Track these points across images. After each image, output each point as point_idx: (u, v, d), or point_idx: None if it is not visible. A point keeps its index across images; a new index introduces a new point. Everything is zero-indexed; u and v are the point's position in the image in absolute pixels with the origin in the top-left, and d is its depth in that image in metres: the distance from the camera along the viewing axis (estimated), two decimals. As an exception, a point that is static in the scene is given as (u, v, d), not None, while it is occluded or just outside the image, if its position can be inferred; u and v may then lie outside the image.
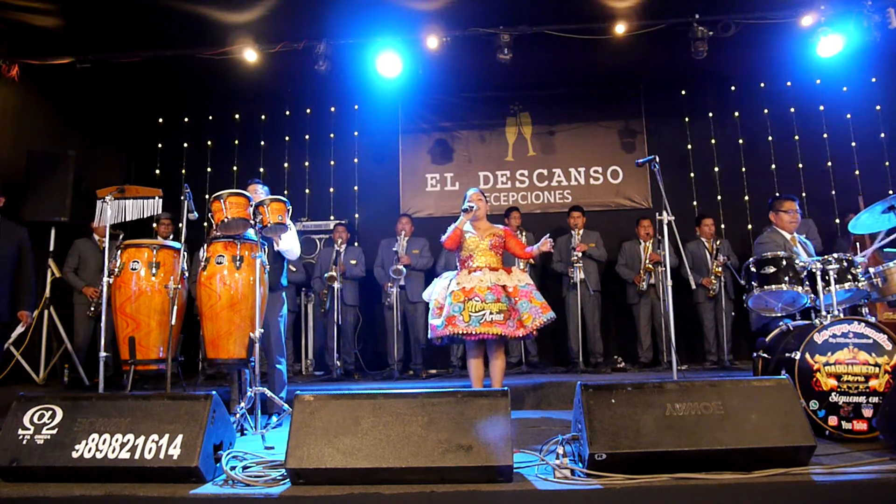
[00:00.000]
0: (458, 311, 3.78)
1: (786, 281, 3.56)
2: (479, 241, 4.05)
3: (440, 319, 3.86)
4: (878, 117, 6.93)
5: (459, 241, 4.04)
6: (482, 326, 3.73)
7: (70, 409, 2.58)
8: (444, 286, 4.00)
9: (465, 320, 3.75)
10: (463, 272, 3.99)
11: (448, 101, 7.43)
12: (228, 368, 4.16)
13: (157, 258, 3.78)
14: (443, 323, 3.82)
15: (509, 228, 4.33)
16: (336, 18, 5.53)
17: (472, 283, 3.86)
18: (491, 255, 4.03)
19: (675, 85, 7.21)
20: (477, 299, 3.78)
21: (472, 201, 4.10)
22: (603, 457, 2.30)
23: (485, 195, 4.24)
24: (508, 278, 3.93)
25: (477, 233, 4.10)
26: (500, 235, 4.12)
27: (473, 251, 4.03)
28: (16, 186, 5.34)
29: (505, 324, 3.76)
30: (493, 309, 3.76)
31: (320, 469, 2.31)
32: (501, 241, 4.10)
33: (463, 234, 4.05)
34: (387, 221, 6.80)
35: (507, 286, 3.88)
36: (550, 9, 5.52)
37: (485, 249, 4.03)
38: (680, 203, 6.45)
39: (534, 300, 3.86)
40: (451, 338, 3.89)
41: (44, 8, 5.24)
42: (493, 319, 3.74)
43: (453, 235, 4.00)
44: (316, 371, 6.42)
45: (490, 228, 4.15)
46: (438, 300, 3.97)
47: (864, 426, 3.05)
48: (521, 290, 3.87)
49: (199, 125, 7.51)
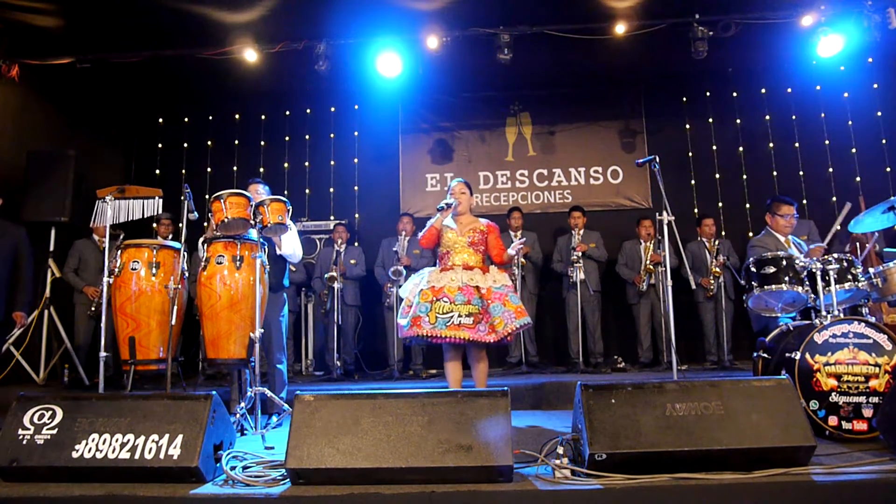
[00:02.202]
0: (425, 311, 3.50)
1: (786, 281, 3.56)
2: (457, 237, 3.74)
3: (406, 319, 3.57)
4: (880, 123, 6.90)
5: (436, 239, 3.76)
6: (448, 329, 3.43)
7: (70, 409, 2.58)
8: (416, 283, 3.72)
9: (431, 322, 3.45)
10: (436, 270, 3.71)
11: (448, 101, 7.42)
12: (228, 368, 4.17)
13: (157, 258, 3.79)
14: (409, 323, 3.54)
15: (494, 224, 3.91)
16: (336, 18, 5.53)
17: (442, 282, 3.58)
18: (469, 253, 3.71)
19: (676, 85, 7.20)
20: (445, 300, 3.49)
21: (453, 194, 3.84)
22: (603, 457, 2.30)
23: (469, 186, 3.94)
24: (483, 278, 3.61)
25: (458, 228, 3.78)
26: (482, 231, 3.79)
27: (451, 247, 3.73)
28: (16, 186, 5.34)
29: (475, 328, 3.44)
30: (462, 311, 3.46)
31: (320, 469, 2.31)
32: (483, 238, 3.77)
33: (441, 231, 3.77)
34: (387, 221, 6.81)
35: (481, 287, 3.57)
36: (550, 9, 5.52)
37: (463, 246, 3.71)
38: (680, 203, 6.45)
39: (508, 303, 3.52)
40: (418, 339, 3.56)
41: (44, 8, 5.24)
42: (462, 323, 3.43)
43: (428, 233, 3.74)
44: (316, 371, 6.42)
45: (472, 223, 3.81)
46: (409, 298, 3.69)
47: (864, 426, 3.05)
48: (494, 292, 3.56)
49: (199, 125, 7.51)
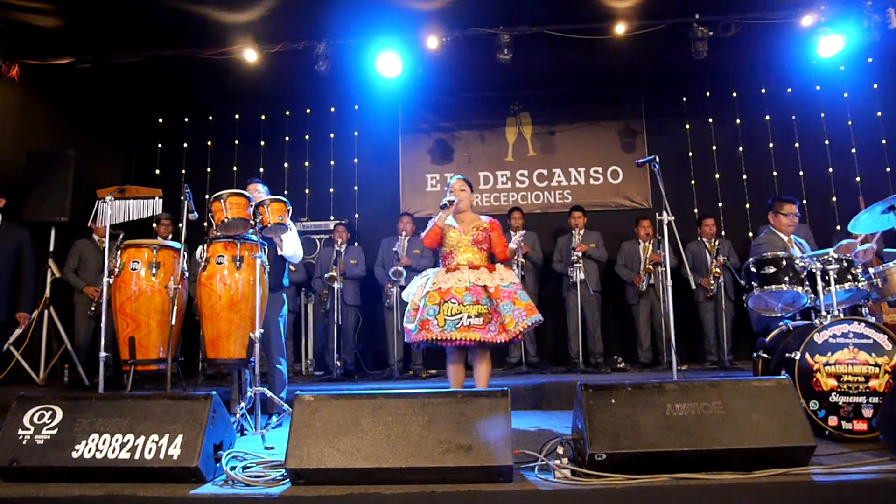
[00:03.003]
0: (433, 314, 3.41)
1: (786, 281, 3.55)
2: (460, 236, 3.66)
3: (414, 323, 3.49)
4: (880, 123, 6.89)
5: (439, 238, 3.68)
6: (459, 332, 3.35)
7: (70, 409, 2.58)
8: (420, 285, 3.65)
9: (440, 325, 3.38)
10: (441, 271, 3.62)
11: (448, 101, 7.42)
12: (228, 368, 4.17)
13: (157, 258, 3.79)
14: (416, 327, 3.46)
15: (497, 221, 3.83)
16: (336, 18, 5.54)
17: (448, 283, 3.50)
18: (474, 252, 3.64)
19: (676, 85, 7.20)
20: (453, 301, 3.41)
21: (453, 192, 3.75)
22: (603, 457, 2.30)
23: (469, 183, 3.85)
24: (490, 277, 3.53)
25: (460, 226, 3.70)
26: (485, 229, 3.70)
27: (455, 247, 3.65)
28: (16, 186, 5.34)
29: (485, 328, 3.38)
30: (471, 312, 3.39)
31: (320, 469, 2.31)
32: (486, 236, 3.69)
33: (444, 230, 3.69)
34: (387, 221, 6.81)
35: (489, 286, 3.48)
36: (550, 9, 5.52)
37: (467, 245, 3.64)
38: (680, 203, 6.46)
39: (517, 301, 3.45)
40: (427, 343, 3.47)
41: (44, 8, 5.24)
42: (472, 324, 3.37)
43: (431, 233, 3.65)
44: (316, 371, 6.42)
45: (474, 221, 3.74)
46: (415, 301, 3.60)
47: (864, 426, 3.05)
48: (503, 291, 3.47)
49: (199, 125, 7.51)
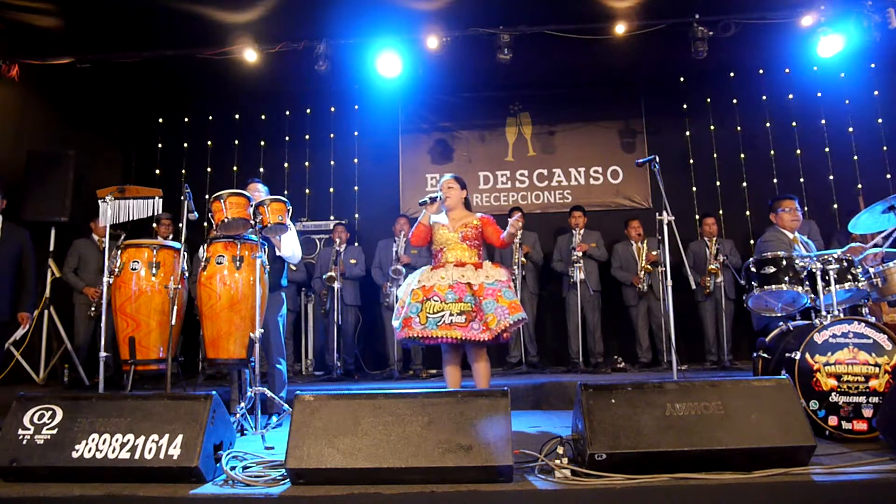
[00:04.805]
0: (416, 311, 3.39)
1: (786, 281, 3.55)
2: (449, 234, 3.64)
3: (399, 320, 3.49)
4: (880, 130, 6.88)
5: (426, 237, 3.68)
6: (440, 329, 3.32)
7: (70, 409, 2.58)
8: (409, 283, 3.64)
9: (422, 322, 3.35)
10: (427, 268, 3.62)
11: (448, 101, 7.43)
12: (228, 368, 4.17)
13: (157, 258, 3.78)
14: (400, 324, 3.45)
15: (488, 217, 3.77)
16: (336, 18, 5.54)
17: (432, 280, 3.48)
18: (463, 249, 3.60)
19: (675, 85, 7.20)
20: (436, 299, 3.39)
21: (441, 189, 3.75)
22: (603, 457, 2.30)
23: (459, 181, 3.81)
24: (475, 274, 3.47)
25: (449, 224, 3.68)
26: (475, 226, 3.67)
27: (444, 244, 3.63)
28: (16, 187, 5.34)
29: (467, 326, 3.32)
30: (453, 310, 3.35)
31: (320, 469, 2.31)
32: (477, 232, 3.65)
33: (431, 228, 3.68)
34: (387, 221, 6.79)
35: (472, 284, 3.42)
36: (550, 9, 5.52)
37: (456, 242, 3.61)
38: (680, 203, 6.45)
39: (501, 299, 3.37)
40: (411, 341, 3.45)
41: (44, 8, 5.25)
42: (454, 322, 3.33)
43: (416, 231, 3.68)
44: (316, 371, 6.42)
45: (464, 218, 3.70)
46: (403, 298, 3.58)
47: (864, 426, 3.05)
48: (487, 289, 3.40)
49: (199, 125, 7.51)
